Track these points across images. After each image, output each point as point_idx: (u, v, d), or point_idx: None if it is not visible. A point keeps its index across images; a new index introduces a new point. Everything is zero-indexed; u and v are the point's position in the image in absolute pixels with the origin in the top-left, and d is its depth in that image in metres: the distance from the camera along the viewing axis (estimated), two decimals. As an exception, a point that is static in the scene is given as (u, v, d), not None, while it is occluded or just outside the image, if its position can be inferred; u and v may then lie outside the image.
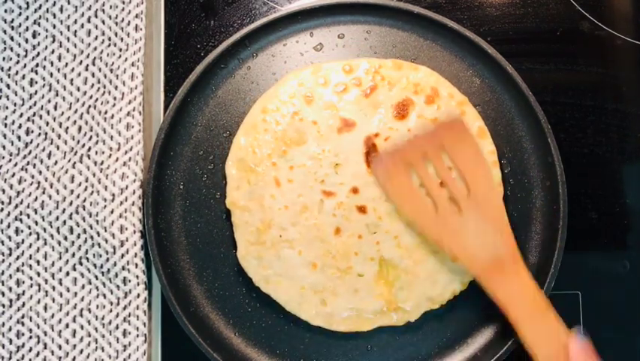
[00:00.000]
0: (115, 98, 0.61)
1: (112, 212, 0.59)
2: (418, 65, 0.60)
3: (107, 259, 0.59)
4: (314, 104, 0.59)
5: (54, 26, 0.62)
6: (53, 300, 0.60)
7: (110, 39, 0.62)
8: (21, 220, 0.60)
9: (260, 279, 0.58)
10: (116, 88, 0.61)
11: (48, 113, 0.61)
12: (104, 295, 0.60)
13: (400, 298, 0.58)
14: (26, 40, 0.62)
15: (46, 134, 0.61)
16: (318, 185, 0.58)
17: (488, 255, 0.55)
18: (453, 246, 0.55)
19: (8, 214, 0.60)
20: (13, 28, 0.62)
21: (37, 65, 0.62)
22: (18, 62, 0.62)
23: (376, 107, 0.59)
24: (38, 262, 0.60)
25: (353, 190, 0.58)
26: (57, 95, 0.61)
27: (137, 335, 0.59)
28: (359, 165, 0.58)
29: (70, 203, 0.60)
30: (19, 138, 0.61)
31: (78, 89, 0.61)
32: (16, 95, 0.62)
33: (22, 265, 0.60)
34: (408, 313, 0.58)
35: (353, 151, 0.58)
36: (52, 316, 0.60)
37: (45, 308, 0.60)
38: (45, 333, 0.60)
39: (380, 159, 0.58)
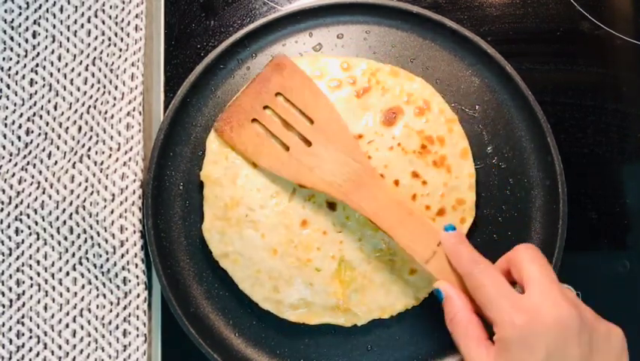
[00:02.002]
0: (115, 98, 0.61)
1: (112, 212, 0.59)
2: (415, 76, 0.60)
3: (107, 259, 0.59)
4: None
5: (54, 26, 0.62)
6: (53, 300, 0.60)
7: (110, 39, 0.62)
8: (21, 220, 0.60)
9: (220, 254, 0.58)
10: (116, 88, 0.61)
11: (48, 113, 0.61)
12: (104, 295, 0.60)
13: (352, 301, 0.58)
14: (26, 40, 0.62)
15: (46, 134, 0.61)
16: None
17: (345, 176, 0.56)
18: (312, 181, 0.56)
19: (8, 214, 0.60)
20: (13, 28, 0.62)
21: (37, 65, 0.62)
22: (18, 62, 0.62)
23: (365, 110, 0.59)
24: (38, 262, 0.60)
25: None
26: (57, 95, 0.61)
27: (137, 335, 0.59)
28: None
29: (70, 203, 0.60)
30: (19, 138, 0.61)
31: (78, 89, 0.62)
32: (16, 95, 0.62)
33: (22, 265, 0.60)
34: (357, 317, 0.58)
35: None
36: (52, 316, 0.60)
37: (45, 308, 0.60)
38: (45, 333, 0.60)
39: (222, 120, 0.58)
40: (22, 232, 0.60)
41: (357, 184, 0.56)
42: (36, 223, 0.60)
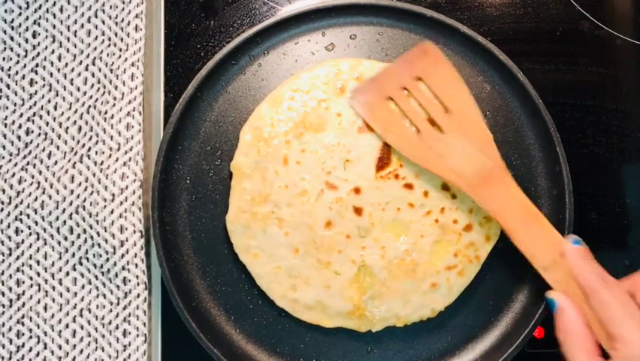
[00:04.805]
0: (115, 98, 0.61)
1: (112, 212, 0.59)
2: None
3: (107, 259, 0.59)
4: (344, 96, 0.59)
5: (54, 26, 0.62)
6: (53, 300, 0.60)
7: (110, 39, 0.62)
8: (21, 220, 0.60)
9: (241, 247, 0.58)
10: (116, 88, 0.61)
11: (48, 113, 0.61)
12: (104, 295, 0.60)
13: (368, 307, 0.58)
14: (26, 40, 0.62)
15: (46, 134, 0.61)
16: (323, 175, 0.58)
17: (474, 170, 0.55)
18: (439, 168, 0.56)
19: (8, 214, 0.60)
20: (13, 28, 0.62)
21: (37, 65, 0.62)
22: (18, 62, 0.62)
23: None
24: (38, 262, 0.60)
25: (355, 190, 0.58)
26: (57, 95, 0.62)
27: (137, 335, 0.59)
28: (368, 167, 0.58)
29: (70, 203, 0.60)
30: (19, 138, 0.61)
31: (78, 89, 0.62)
32: (16, 95, 0.62)
33: (22, 265, 0.60)
34: (371, 324, 0.58)
35: (367, 153, 0.58)
36: (52, 316, 0.60)
37: (45, 308, 0.60)
38: (45, 333, 0.60)
39: (359, 90, 0.58)
40: (22, 232, 0.60)
41: (485, 180, 0.55)
42: (36, 223, 0.60)
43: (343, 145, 0.58)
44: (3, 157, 0.61)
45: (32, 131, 0.61)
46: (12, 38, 0.62)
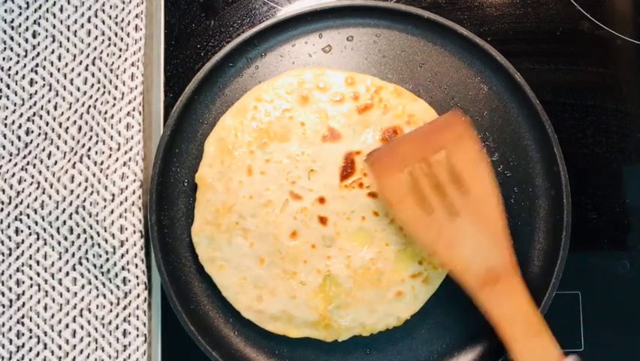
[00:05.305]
0: (115, 98, 0.61)
1: (112, 212, 0.59)
2: (418, 98, 0.60)
3: (107, 259, 0.59)
4: (307, 106, 0.59)
5: (54, 26, 0.62)
6: (53, 300, 0.60)
7: (110, 39, 0.62)
8: (21, 220, 0.60)
9: (206, 259, 0.58)
10: (116, 88, 0.61)
11: (48, 113, 0.61)
12: (104, 295, 0.60)
13: (334, 317, 0.58)
14: (26, 40, 0.62)
15: (46, 134, 0.61)
16: (288, 185, 0.58)
17: (483, 266, 0.52)
18: (446, 255, 0.53)
19: (8, 214, 0.60)
20: (13, 28, 0.62)
21: (37, 65, 0.62)
22: (18, 62, 0.62)
23: (366, 126, 0.59)
24: (38, 262, 0.60)
25: (320, 200, 0.58)
26: (57, 95, 0.61)
27: (137, 335, 0.59)
28: (333, 177, 0.58)
29: (70, 203, 0.60)
30: (19, 138, 0.61)
31: (78, 89, 0.62)
32: (16, 95, 0.62)
33: (22, 265, 0.60)
34: (337, 333, 0.58)
35: (331, 162, 0.58)
36: (52, 316, 0.60)
37: (45, 308, 0.60)
38: (45, 333, 0.60)
39: (376, 155, 0.56)
40: (22, 232, 0.60)
41: (492, 279, 0.51)
42: (36, 223, 0.60)
43: (307, 155, 0.58)
44: (3, 157, 0.61)
45: (32, 131, 0.61)
46: (12, 38, 0.62)
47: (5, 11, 0.62)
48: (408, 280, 0.58)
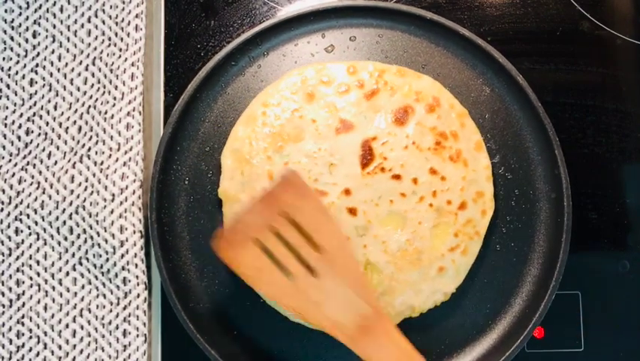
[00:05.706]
0: (115, 98, 0.61)
1: (112, 212, 0.59)
2: (422, 74, 0.60)
3: (107, 259, 0.59)
4: (315, 102, 0.59)
5: (54, 26, 0.62)
6: (53, 300, 0.60)
7: (110, 39, 0.62)
8: (21, 220, 0.60)
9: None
10: (116, 88, 0.61)
11: (48, 113, 0.61)
12: (104, 295, 0.60)
13: (382, 304, 0.57)
14: (26, 40, 0.62)
15: (46, 134, 0.61)
16: (311, 183, 0.58)
17: (352, 318, 0.52)
18: (317, 318, 0.52)
19: (8, 214, 0.60)
20: (13, 28, 0.62)
21: (37, 65, 0.62)
22: (18, 62, 0.62)
23: (376, 111, 0.59)
24: (38, 262, 0.60)
25: (345, 192, 0.58)
26: (57, 95, 0.62)
27: (137, 335, 0.59)
28: (354, 167, 0.58)
29: (70, 203, 0.60)
30: (19, 138, 0.61)
31: (78, 89, 0.62)
32: (16, 95, 0.62)
33: (22, 265, 0.60)
34: None
35: (349, 153, 0.58)
36: (52, 316, 0.60)
37: (45, 308, 0.60)
38: (45, 333, 0.60)
39: (221, 236, 0.52)
40: (22, 232, 0.60)
41: (365, 329, 0.52)
42: (36, 223, 0.60)
43: (325, 150, 0.58)
44: (3, 157, 0.61)
45: (32, 131, 0.61)
46: (12, 38, 0.62)
47: (5, 11, 0.62)
48: (447, 255, 0.58)
